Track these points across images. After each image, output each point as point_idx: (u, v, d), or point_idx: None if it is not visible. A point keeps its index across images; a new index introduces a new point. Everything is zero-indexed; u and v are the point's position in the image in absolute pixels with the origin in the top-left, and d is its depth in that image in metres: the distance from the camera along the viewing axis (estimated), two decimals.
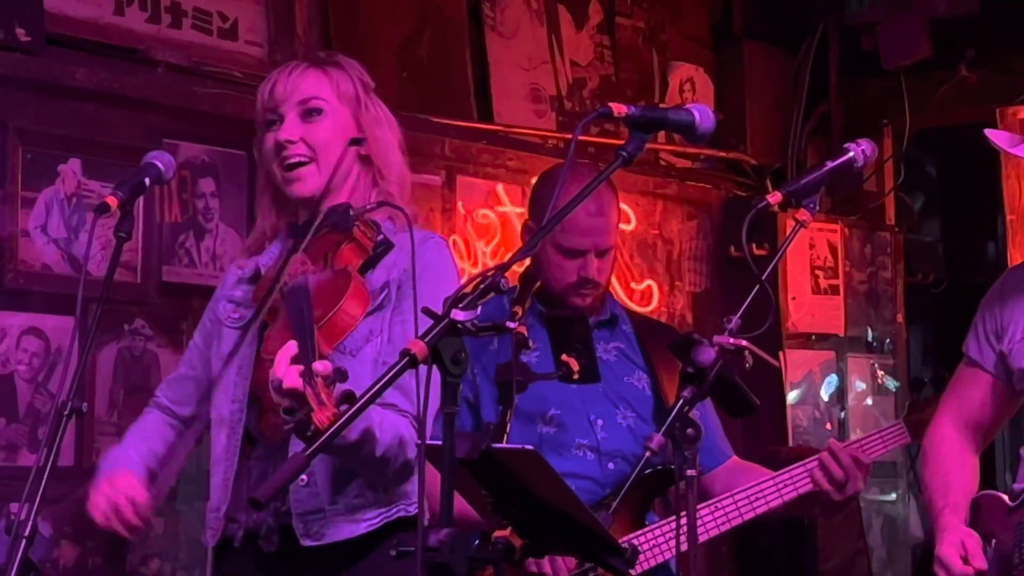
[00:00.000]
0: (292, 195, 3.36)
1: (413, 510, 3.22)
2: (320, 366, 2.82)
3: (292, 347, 2.93)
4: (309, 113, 3.34)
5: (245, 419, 3.28)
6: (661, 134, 5.73)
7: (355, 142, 3.36)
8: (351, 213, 3.26)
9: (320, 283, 3.22)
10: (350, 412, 2.47)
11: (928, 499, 3.78)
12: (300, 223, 3.39)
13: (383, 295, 3.26)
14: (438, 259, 3.29)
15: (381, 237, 3.30)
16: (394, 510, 3.24)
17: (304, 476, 3.18)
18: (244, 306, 3.40)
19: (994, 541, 3.60)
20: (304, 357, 2.87)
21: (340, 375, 2.82)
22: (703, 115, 2.90)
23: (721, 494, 4.00)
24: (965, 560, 3.56)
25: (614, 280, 4.70)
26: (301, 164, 3.33)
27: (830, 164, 3.28)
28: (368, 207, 3.27)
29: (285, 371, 2.90)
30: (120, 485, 3.30)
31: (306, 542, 3.20)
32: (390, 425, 3.10)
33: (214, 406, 3.38)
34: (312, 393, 2.78)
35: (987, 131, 3.72)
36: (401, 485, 3.22)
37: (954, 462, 3.77)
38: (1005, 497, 3.66)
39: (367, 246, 3.28)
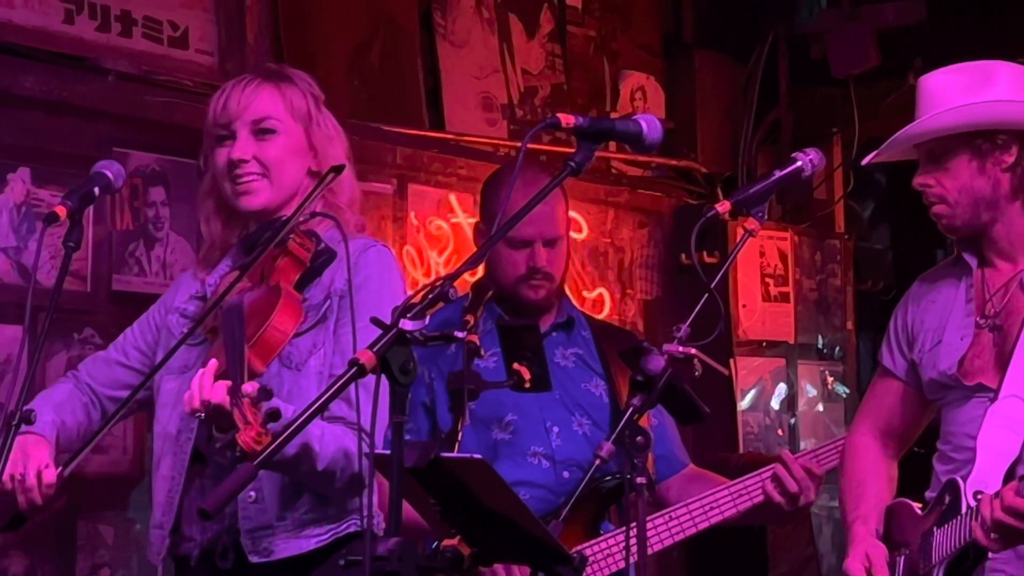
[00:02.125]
0: (242, 207, 3.35)
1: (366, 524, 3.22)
2: (247, 386, 2.83)
3: (213, 365, 2.94)
4: (262, 132, 3.34)
5: (195, 438, 3.27)
6: (612, 143, 5.75)
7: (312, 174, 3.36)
8: (285, 226, 3.24)
9: (254, 301, 3.21)
10: (296, 424, 2.47)
11: (842, 508, 3.82)
12: (250, 233, 3.39)
13: (325, 306, 3.25)
14: (379, 268, 3.28)
15: (321, 247, 3.30)
16: (345, 525, 3.24)
17: (252, 492, 3.18)
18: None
19: (905, 551, 3.63)
20: (233, 376, 2.87)
21: (265, 394, 2.82)
22: (651, 125, 2.91)
23: (676, 503, 4.02)
24: (870, 573, 3.59)
25: (567, 288, 4.71)
26: (253, 180, 3.33)
27: (778, 174, 3.31)
28: (300, 219, 3.26)
29: (211, 389, 2.91)
30: (33, 456, 3.23)
31: (254, 559, 3.19)
32: (332, 439, 3.10)
33: (158, 420, 3.36)
34: (238, 413, 2.79)
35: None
36: (352, 498, 3.21)
37: (868, 472, 3.81)
38: (916, 506, 3.69)
39: (304, 258, 3.27)
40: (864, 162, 3.79)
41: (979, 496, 3.45)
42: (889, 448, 3.86)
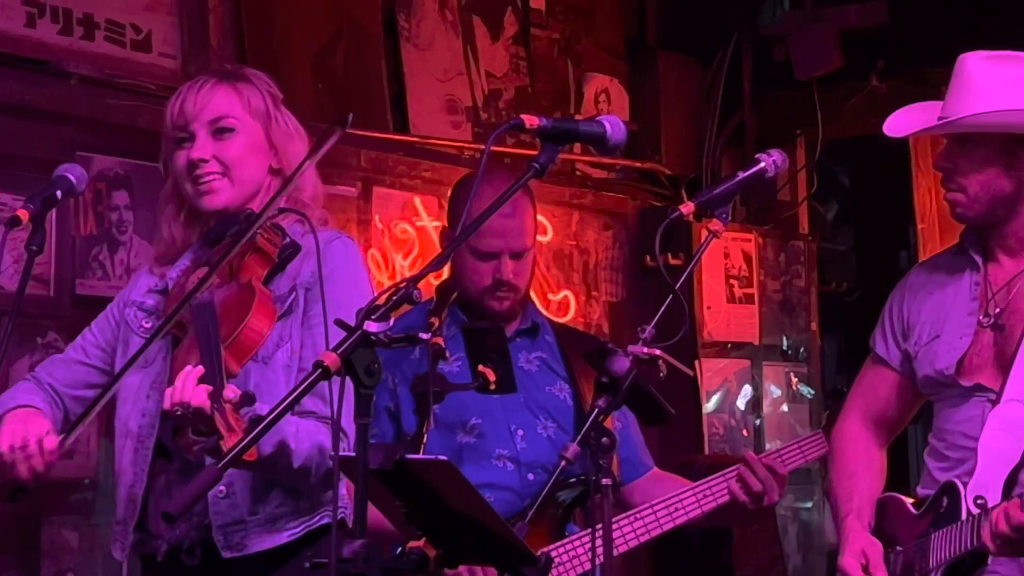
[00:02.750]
0: (204, 207, 3.34)
1: (338, 516, 3.21)
2: (229, 392, 2.83)
3: (198, 370, 2.93)
4: (220, 132, 3.33)
5: (158, 432, 3.26)
6: (577, 145, 5.76)
7: (273, 171, 3.36)
8: (252, 217, 3.24)
9: (226, 299, 3.20)
10: (261, 425, 2.47)
11: (834, 502, 3.80)
12: (212, 228, 3.37)
13: (291, 299, 3.25)
14: (344, 260, 3.28)
15: (287, 241, 3.29)
16: (316, 517, 3.25)
17: (223, 487, 3.18)
18: (156, 316, 3.38)
19: (899, 548, 3.63)
20: (212, 379, 2.87)
21: (248, 400, 2.82)
22: (614, 127, 2.91)
23: (639, 505, 4.03)
24: (866, 570, 3.58)
25: (531, 292, 4.71)
26: (213, 179, 3.33)
27: (741, 175, 3.32)
28: (270, 214, 3.25)
29: (192, 392, 2.90)
30: (32, 425, 3.22)
31: (227, 554, 3.19)
32: (307, 434, 3.10)
33: (118, 417, 3.35)
34: (220, 419, 2.79)
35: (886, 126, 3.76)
36: (325, 491, 3.22)
37: (860, 462, 3.79)
38: (909, 503, 3.68)
39: (272, 253, 3.27)
40: (890, 133, 3.73)
41: (980, 502, 3.45)
42: (879, 437, 3.85)
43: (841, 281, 7.51)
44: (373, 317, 2.49)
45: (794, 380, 6.94)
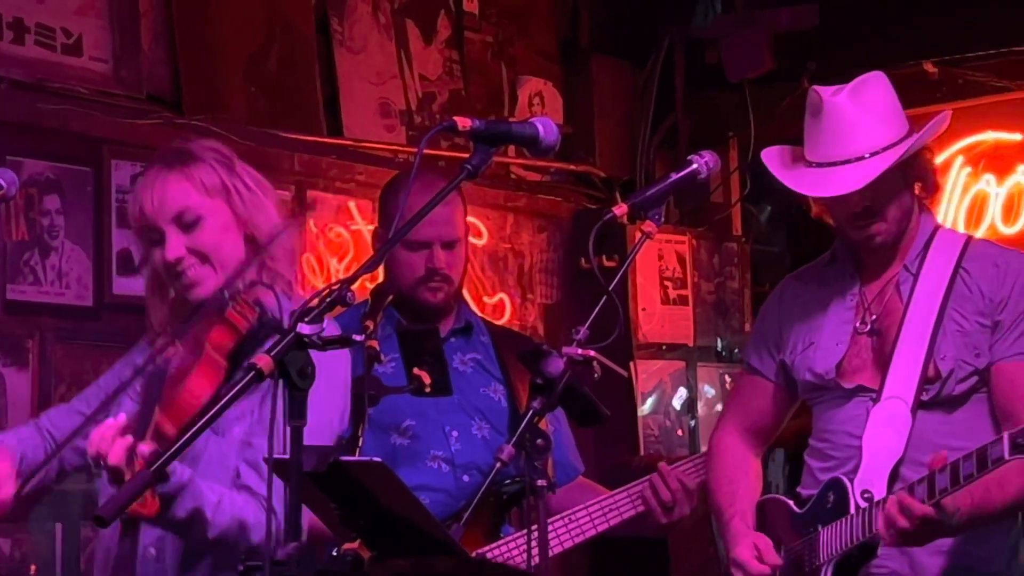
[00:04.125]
0: (194, 300, 3.29)
1: None
2: (143, 447, 2.83)
3: (121, 420, 2.93)
4: (188, 226, 3.27)
5: None
6: (511, 148, 5.77)
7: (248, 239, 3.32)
8: (224, 295, 3.22)
9: (180, 366, 3.21)
10: (187, 436, 2.46)
11: (716, 507, 3.87)
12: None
13: None
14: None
15: (266, 318, 3.21)
16: None
17: (153, 550, 3.16)
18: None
19: (783, 548, 3.69)
20: (137, 437, 2.89)
21: (158, 458, 2.82)
22: (547, 128, 2.93)
23: (558, 512, 4.02)
24: (760, 559, 3.64)
25: (466, 293, 4.72)
26: (194, 271, 3.28)
27: (674, 176, 3.35)
28: (243, 286, 3.22)
29: (110, 444, 2.89)
30: None
31: None
32: (230, 508, 3.06)
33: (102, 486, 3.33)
34: (131, 475, 2.81)
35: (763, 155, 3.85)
36: None
37: (739, 469, 3.88)
38: (791, 503, 3.75)
39: (240, 326, 3.21)
40: (821, 194, 3.77)
41: (867, 496, 3.52)
42: (754, 446, 3.94)
43: (775, 282, 7.51)
44: (306, 319, 2.49)
45: (728, 381, 6.96)
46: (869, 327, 3.69)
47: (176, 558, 3.17)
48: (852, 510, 3.54)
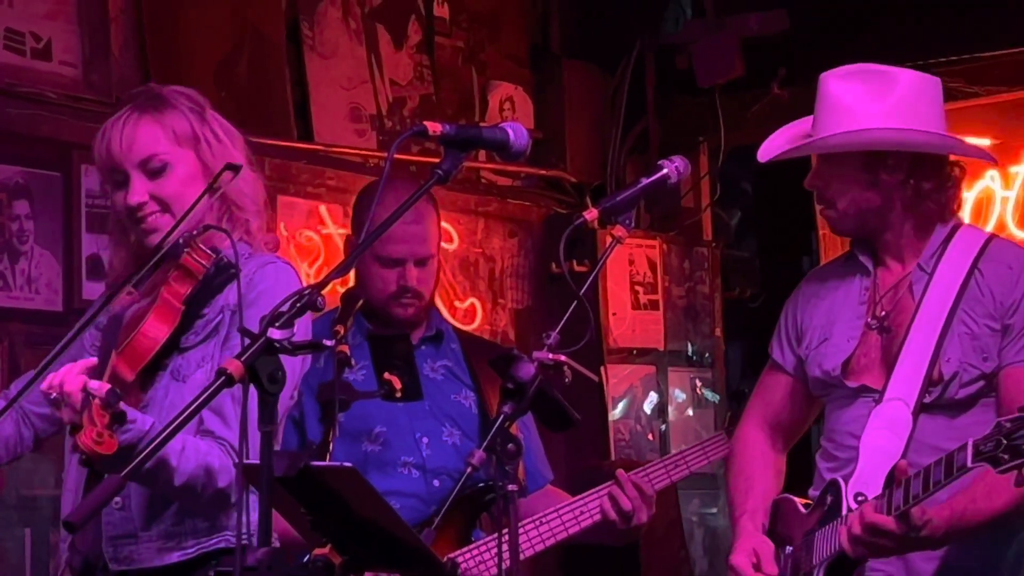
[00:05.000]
0: (152, 246, 3.27)
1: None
2: (94, 384, 2.82)
3: (86, 361, 2.93)
4: (154, 172, 3.26)
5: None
6: (482, 153, 5.77)
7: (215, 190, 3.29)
8: (180, 241, 3.20)
9: (136, 311, 3.20)
10: (162, 436, 2.45)
11: (730, 503, 3.85)
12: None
13: (217, 320, 3.21)
14: (274, 284, 3.21)
15: (222, 263, 3.21)
16: (214, 540, 3.19)
17: (119, 499, 3.14)
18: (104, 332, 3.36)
19: (789, 548, 3.68)
20: (95, 376, 2.87)
21: (114, 396, 2.81)
22: (517, 133, 2.93)
23: (524, 519, 4.03)
24: (757, 567, 3.63)
25: (438, 299, 4.72)
26: (155, 218, 3.26)
27: (644, 181, 3.34)
28: (195, 233, 3.20)
29: (70, 377, 2.89)
30: None
31: (114, 566, 3.17)
32: (194, 454, 3.06)
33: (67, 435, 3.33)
34: (87, 414, 2.79)
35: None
36: (220, 512, 3.17)
37: (757, 465, 3.85)
38: (800, 503, 3.74)
39: (196, 271, 3.20)
40: (763, 159, 3.84)
41: (860, 499, 3.50)
42: (777, 442, 3.90)
43: (745, 287, 7.56)
44: (277, 324, 2.49)
45: (699, 385, 6.98)
46: (879, 324, 3.66)
47: (142, 508, 3.17)
48: (844, 513, 3.52)
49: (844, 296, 3.74)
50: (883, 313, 3.65)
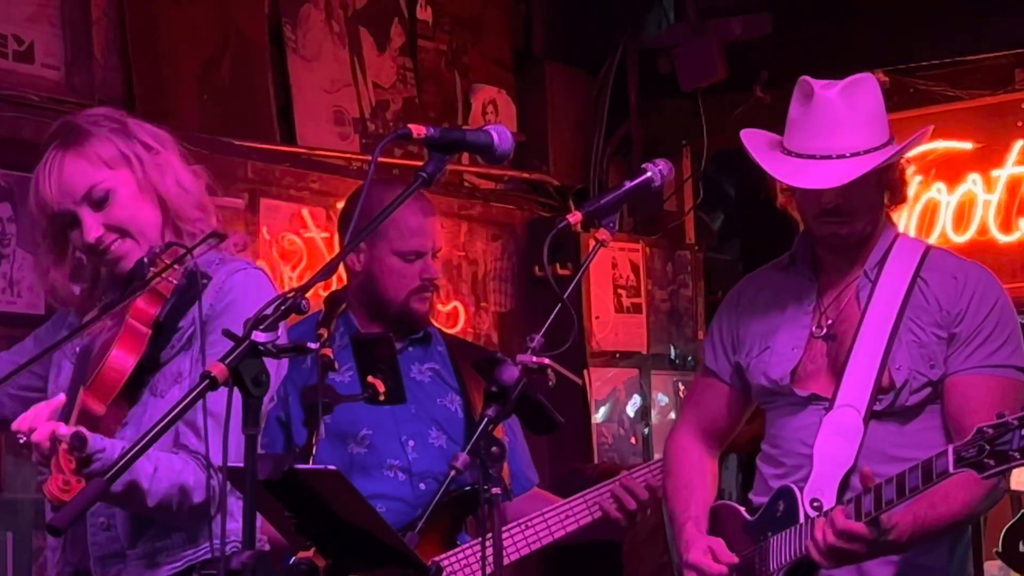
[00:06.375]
0: (122, 274, 3.24)
1: (228, 549, 3.04)
2: (62, 430, 2.82)
3: (58, 399, 2.92)
4: (98, 203, 3.20)
5: None
6: (465, 156, 5.77)
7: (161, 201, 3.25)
8: (145, 260, 3.16)
9: (104, 341, 3.17)
10: (149, 437, 2.45)
11: (670, 511, 3.87)
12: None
13: (190, 332, 3.18)
14: (243, 293, 3.18)
15: (192, 271, 3.16)
16: (202, 551, 3.17)
17: (103, 519, 3.14)
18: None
19: (736, 554, 3.70)
20: (63, 419, 2.88)
21: (78, 441, 2.81)
22: (501, 136, 2.93)
23: (512, 521, 4.03)
24: (715, 559, 3.64)
25: None
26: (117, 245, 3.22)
27: (628, 184, 3.35)
28: (157, 251, 3.16)
29: (39, 422, 2.88)
30: None
31: None
32: (167, 474, 3.05)
33: None
34: (55, 459, 2.79)
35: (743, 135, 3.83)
36: (200, 525, 3.14)
37: (695, 472, 3.88)
38: (742, 510, 3.76)
39: (164, 290, 3.17)
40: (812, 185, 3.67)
41: (816, 504, 3.52)
42: (711, 447, 3.94)
43: (728, 290, 7.55)
44: (261, 327, 2.49)
45: (682, 388, 6.98)
46: (825, 331, 3.68)
47: (127, 526, 3.16)
48: (802, 519, 3.54)
49: (785, 303, 3.76)
50: (829, 322, 3.68)
